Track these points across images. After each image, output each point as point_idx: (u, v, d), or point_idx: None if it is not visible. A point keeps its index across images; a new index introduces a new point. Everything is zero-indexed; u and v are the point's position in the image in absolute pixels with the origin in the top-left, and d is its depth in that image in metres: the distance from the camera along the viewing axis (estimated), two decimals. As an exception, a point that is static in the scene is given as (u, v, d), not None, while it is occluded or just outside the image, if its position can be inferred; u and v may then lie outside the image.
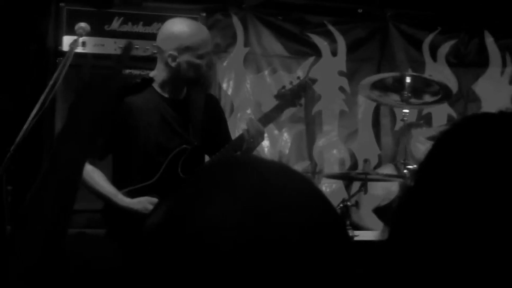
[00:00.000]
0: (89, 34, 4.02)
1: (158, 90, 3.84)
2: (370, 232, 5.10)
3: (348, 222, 4.69)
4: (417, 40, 6.36)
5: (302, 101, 4.22)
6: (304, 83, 4.08)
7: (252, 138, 3.78)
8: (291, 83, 4.09)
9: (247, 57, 6.08)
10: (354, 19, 6.25)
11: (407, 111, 4.98)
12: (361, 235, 4.61)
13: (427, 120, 6.19)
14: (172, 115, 3.88)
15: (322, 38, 6.17)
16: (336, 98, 6.15)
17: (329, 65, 6.16)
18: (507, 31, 6.52)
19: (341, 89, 6.16)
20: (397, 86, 5.02)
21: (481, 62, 6.52)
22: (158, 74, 3.83)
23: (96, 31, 4.94)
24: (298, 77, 4.18)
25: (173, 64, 3.73)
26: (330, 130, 6.13)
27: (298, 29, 6.17)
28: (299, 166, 6.00)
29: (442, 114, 6.26)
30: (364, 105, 6.13)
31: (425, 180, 1.18)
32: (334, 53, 6.19)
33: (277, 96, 4.08)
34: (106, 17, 5.24)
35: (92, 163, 3.69)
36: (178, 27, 3.80)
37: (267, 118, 4.02)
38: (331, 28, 6.18)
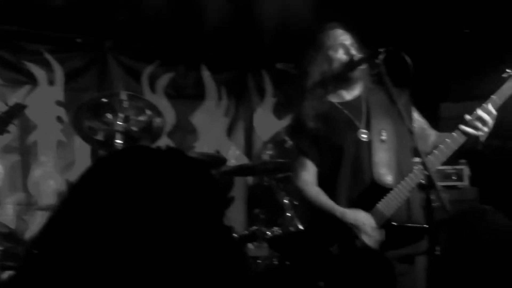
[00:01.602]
0: None
1: None
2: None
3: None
4: (136, 72, 6.45)
5: (10, 128, 4.09)
6: (12, 110, 3.96)
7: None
8: (-2, 110, 3.95)
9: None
10: (72, 48, 6.17)
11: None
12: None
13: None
14: None
15: (38, 66, 6.02)
16: (53, 128, 6.02)
17: (46, 94, 6.02)
18: (222, 65, 6.85)
19: (59, 119, 6.05)
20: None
21: (198, 95, 6.77)
22: None
23: None
24: (6, 104, 4.05)
25: None
26: (46, 161, 5.98)
27: (13, 57, 5.95)
28: (14, 198, 5.78)
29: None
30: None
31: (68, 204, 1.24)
32: (51, 82, 6.06)
33: (-18, 124, 3.90)
34: None
35: None
36: None
37: None
38: (48, 56, 6.05)
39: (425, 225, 3.36)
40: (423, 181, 3.27)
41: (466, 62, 6.87)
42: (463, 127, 3.41)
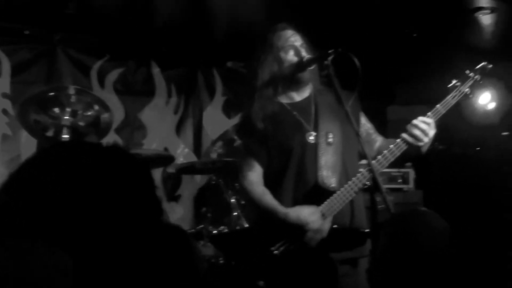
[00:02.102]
0: None
1: None
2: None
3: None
4: (85, 66, 6.34)
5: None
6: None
7: None
8: None
9: None
10: (20, 40, 6.03)
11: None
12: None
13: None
14: None
15: (-16, 58, 5.90)
16: (-2, 121, 5.91)
17: (-8, 87, 5.91)
18: (172, 62, 6.81)
19: (5, 111, 5.94)
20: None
21: (148, 91, 6.72)
22: None
23: None
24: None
25: None
26: (-9, 154, 5.88)
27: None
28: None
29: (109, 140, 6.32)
30: (30, 129, 5.94)
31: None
32: (-3, 75, 5.95)
33: None
34: None
35: None
36: None
37: None
38: (-5, 48, 5.94)
39: (366, 230, 3.39)
40: (368, 184, 3.30)
41: (413, 66, 6.98)
42: (405, 136, 3.44)
